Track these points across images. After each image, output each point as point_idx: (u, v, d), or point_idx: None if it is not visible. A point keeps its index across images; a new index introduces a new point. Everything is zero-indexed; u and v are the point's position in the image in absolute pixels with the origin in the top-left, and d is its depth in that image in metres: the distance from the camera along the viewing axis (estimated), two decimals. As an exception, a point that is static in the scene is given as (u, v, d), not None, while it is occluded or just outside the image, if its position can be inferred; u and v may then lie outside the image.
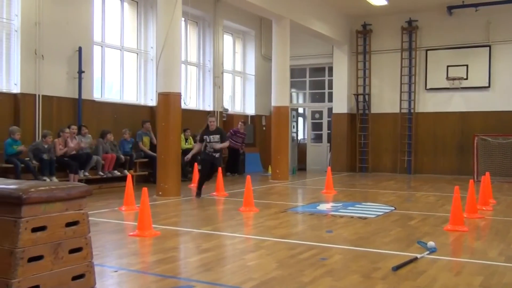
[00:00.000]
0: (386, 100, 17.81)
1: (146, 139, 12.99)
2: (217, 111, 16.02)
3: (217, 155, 10.10)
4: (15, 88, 10.54)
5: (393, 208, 8.90)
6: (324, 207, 9.22)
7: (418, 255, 5.16)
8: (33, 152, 10.12)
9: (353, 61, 18.22)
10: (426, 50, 17.14)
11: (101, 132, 11.70)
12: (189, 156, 10.73)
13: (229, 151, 15.41)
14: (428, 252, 5.34)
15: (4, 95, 10.41)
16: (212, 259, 5.13)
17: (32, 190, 2.87)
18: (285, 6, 14.09)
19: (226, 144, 10.29)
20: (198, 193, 10.11)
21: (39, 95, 10.76)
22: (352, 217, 7.88)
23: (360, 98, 18.05)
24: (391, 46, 17.62)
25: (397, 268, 4.68)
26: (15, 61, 10.52)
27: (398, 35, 17.43)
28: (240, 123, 15.97)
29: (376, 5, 15.82)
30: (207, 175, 10.26)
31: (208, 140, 10.07)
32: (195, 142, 14.40)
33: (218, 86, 16.06)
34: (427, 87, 17.14)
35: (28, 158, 10.03)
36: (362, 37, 18.10)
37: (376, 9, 16.50)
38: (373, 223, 7.38)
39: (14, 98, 10.52)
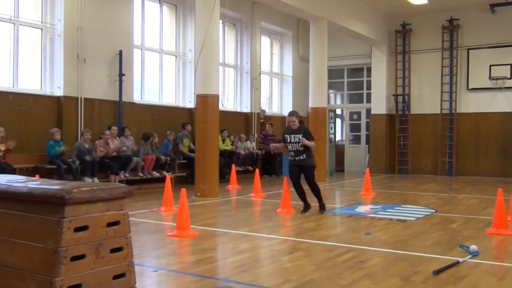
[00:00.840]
0: (426, 100, 17.48)
1: (186, 141, 13.13)
2: (254, 113, 16.07)
3: (302, 157, 8.19)
4: (58, 91, 10.83)
5: (434, 210, 8.72)
6: (362, 209, 9.11)
7: (460, 259, 5.04)
8: (76, 154, 10.38)
9: (392, 61, 17.96)
10: (468, 49, 16.74)
11: (143, 135, 11.89)
12: (275, 145, 9.24)
13: (263, 154, 15.47)
14: (470, 256, 5.20)
15: (48, 98, 10.71)
16: (250, 260, 5.14)
17: (75, 190, 2.94)
18: (323, 6, 14.01)
19: (311, 143, 8.22)
20: (305, 207, 8.37)
21: (81, 98, 11.03)
22: (391, 219, 7.77)
23: (399, 98, 17.78)
24: (431, 46, 17.29)
25: (438, 272, 4.59)
26: (58, 65, 10.81)
27: (439, 34, 17.08)
28: (267, 125, 15.97)
29: (416, 4, 15.55)
30: (299, 183, 8.31)
31: (288, 140, 8.24)
32: (232, 143, 14.50)
33: (255, 87, 16.10)
34: (469, 87, 16.74)
35: (71, 159, 10.29)
36: (401, 37, 17.82)
37: (416, 8, 16.22)
38: (413, 225, 7.25)
39: (57, 101, 10.81)
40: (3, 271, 3.02)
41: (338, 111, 20.53)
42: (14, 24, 10.27)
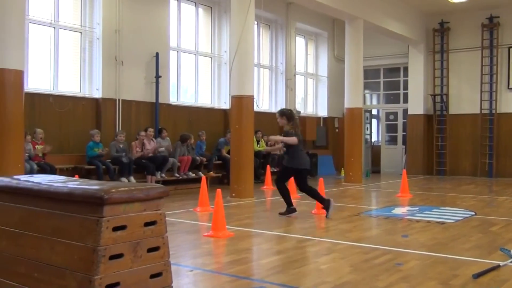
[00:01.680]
0: (465, 100, 17.10)
1: (227, 148, 13.16)
2: (289, 114, 16.01)
3: (286, 156, 8.07)
4: (97, 93, 11.06)
5: (474, 213, 8.52)
6: (399, 211, 8.98)
7: (501, 263, 4.91)
8: (112, 155, 10.58)
9: (429, 61, 17.65)
10: (509, 48, 16.30)
11: (180, 136, 12.02)
12: (268, 149, 9.50)
13: None
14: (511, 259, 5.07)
15: (87, 100, 10.95)
16: (285, 261, 5.13)
17: (113, 191, 2.99)
18: (359, 6, 13.88)
19: (283, 138, 7.93)
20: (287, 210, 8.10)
21: (119, 100, 11.24)
22: (429, 221, 7.63)
23: (437, 98, 17.44)
24: (470, 44, 16.91)
25: (478, 275, 4.48)
26: (97, 67, 11.05)
27: (478, 33, 16.69)
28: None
29: (455, 2, 15.25)
30: (282, 183, 8.18)
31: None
32: (266, 144, 14.50)
33: (290, 88, 16.07)
34: (510, 86, 16.30)
35: (109, 160, 10.50)
36: (439, 36, 17.49)
37: (454, 6, 15.91)
38: (451, 228, 7.11)
39: (96, 102, 11.04)
40: (46, 269, 3.11)
41: (374, 112, 20.29)
42: (54, 28, 10.55)
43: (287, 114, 8.03)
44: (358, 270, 4.75)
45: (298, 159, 7.91)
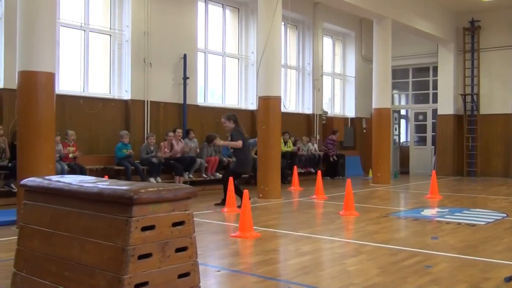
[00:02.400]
0: (496, 100, 16.76)
1: (256, 149, 13.17)
2: (316, 114, 15.97)
3: (232, 159, 8.98)
4: (126, 95, 11.21)
5: (505, 215, 8.35)
6: (428, 212, 8.85)
7: (534, 266, 4.81)
8: (142, 157, 10.71)
9: (460, 60, 17.36)
10: (542, 46, 15.94)
11: (206, 137, 12.09)
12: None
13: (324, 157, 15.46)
14: (545, 263, 4.95)
15: (116, 101, 11.11)
16: (312, 263, 5.12)
17: (142, 191, 3.03)
18: (387, 5, 13.74)
19: (228, 142, 8.99)
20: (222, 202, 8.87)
21: (147, 101, 11.36)
22: (459, 223, 7.50)
23: (468, 98, 17.14)
24: (502, 43, 16.57)
25: (510, 279, 4.39)
26: (126, 69, 11.20)
27: (510, 31, 16.33)
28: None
29: (485, 0, 14.96)
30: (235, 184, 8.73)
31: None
32: (294, 144, 14.47)
33: (317, 89, 16.01)
34: (543, 85, 15.93)
35: (138, 161, 10.63)
36: (469, 34, 17.19)
37: (485, 4, 15.61)
38: (482, 230, 6.97)
39: (125, 104, 11.19)
40: (76, 268, 3.16)
41: (403, 112, 20.06)
42: (84, 31, 10.73)
43: (233, 118, 8.94)
44: (386, 272, 4.70)
45: (243, 163, 8.89)
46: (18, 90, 6.84)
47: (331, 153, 15.54)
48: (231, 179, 8.57)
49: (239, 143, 8.66)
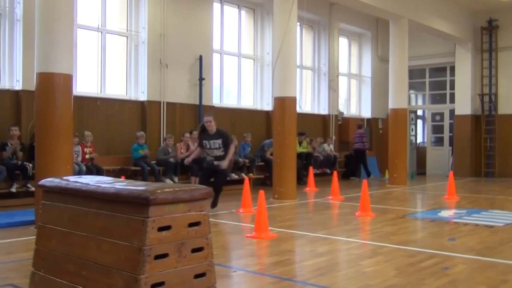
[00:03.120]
0: (515, 100, 16.56)
1: (270, 150, 13.17)
2: (332, 115, 15.91)
3: (221, 161, 8.24)
4: (142, 96, 11.28)
5: (524, 216, 8.24)
6: (446, 213, 8.78)
7: (554, 269, 4.74)
8: (160, 156, 10.77)
9: (477, 60, 17.17)
10: (562, 45, 15.70)
11: None
12: (189, 159, 8.99)
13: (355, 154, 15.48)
14: None
15: (132, 102, 11.19)
16: (328, 264, 5.10)
17: (159, 191, 3.04)
18: (403, 5, 13.65)
19: (230, 154, 8.36)
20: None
21: (163, 102, 11.43)
22: (477, 225, 7.42)
23: (486, 98, 16.95)
24: (520, 42, 16.37)
25: (529, 281, 4.33)
26: (142, 70, 11.27)
27: (529, 30, 16.14)
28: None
29: (504, 0, 14.78)
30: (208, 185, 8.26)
31: (207, 147, 8.29)
32: (309, 142, 14.41)
33: (333, 89, 15.95)
34: None
35: (154, 161, 10.69)
36: (487, 34, 16.99)
37: (503, 3, 15.43)
38: (501, 231, 6.89)
39: (141, 105, 11.27)
40: (93, 267, 3.19)
41: (420, 112, 19.91)
42: (101, 32, 10.82)
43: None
44: (404, 273, 4.67)
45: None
46: (36, 91, 6.92)
47: (363, 147, 15.56)
48: (246, 179, 8.60)
49: (233, 148, 8.69)
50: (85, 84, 10.69)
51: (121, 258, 3.03)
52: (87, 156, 9.74)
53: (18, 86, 9.36)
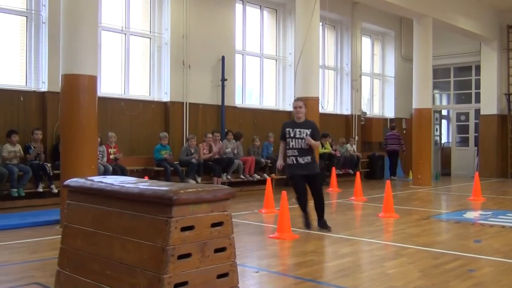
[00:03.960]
0: (542, 99, 16.23)
1: None
2: (354, 115, 15.81)
3: (307, 159, 6.82)
4: (165, 97, 11.36)
5: (552, 218, 8.07)
6: (471, 215, 8.64)
7: None
8: (182, 157, 10.83)
9: (503, 58, 16.87)
10: None
11: (234, 135, 12.11)
12: (280, 162, 7.31)
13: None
14: None
15: (155, 103, 11.27)
16: (351, 265, 5.06)
17: (182, 192, 3.06)
18: (427, 4, 13.49)
19: (317, 143, 6.97)
20: (306, 223, 7.01)
21: (186, 103, 11.49)
22: (503, 226, 7.29)
23: (512, 98, 16.67)
24: (548, 40, 16.04)
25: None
26: (165, 71, 11.35)
27: (557, 28, 15.80)
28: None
29: (531, -3, 14.52)
30: (305, 194, 6.91)
31: (291, 135, 6.92)
32: (331, 146, 14.33)
33: (356, 89, 15.85)
34: None
35: (177, 162, 10.76)
36: (514, 32, 16.70)
37: (530, 1, 15.14)
38: (528, 234, 6.76)
39: (164, 106, 11.35)
40: (117, 267, 3.22)
41: (444, 112, 19.64)
42: (125, 34, 10.93)
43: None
44: (428, 275, 4.61)
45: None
46: (62, 93, 7.03)
47: (398, 148, 15.58)
48: (269, 180, 8.59)
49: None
50: (109, 85, 10.81)
51: (144, 257, 3.06)
52: (111, 156, 9.85)
53: (43, 88, 9.51)
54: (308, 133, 6.77)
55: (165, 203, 3.02)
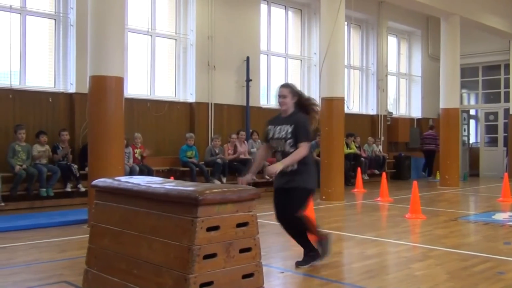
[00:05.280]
0: None
1: (317, 151, 13.10)
2: (380, 115, 15.66)
3: (292, 167, 4.86)
4: (191, 98, 11.44)
5: None
6: (500, 216, 8.48)
7: None
8: (207, 159, 10.90)
9: (534, 57, 16.52)
10: None
11: (251, 133, 12.13)
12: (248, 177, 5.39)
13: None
14: None
15: (181, 104, 11.35)
16: (377, 266, 5.02)
17: (207, 192, 3.08)
18: (454, 2, 13.29)
19: (302, 150, 4.79)
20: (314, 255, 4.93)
21: (211, 104, 11.55)
22: (534, 228, 7.14)
23: (543, 97, 16.30)
24: None
25: None
26: (190, 72, 11.43)
27: None
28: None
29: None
30: (284, 218, 5.20)
31: (271, 135, 5.14)
32: (357, 147, 14.19)
33: (382, 89, 15.70)
34: None
35: (202, 162, 10.81)
36: (544, 30, 16.32)
37: (562, -3, 14.79)
38: (560, 236, 6.61)
39: (189, 106, 11.42)
40: (144, 266, 3.25)
41: (472, 112, 19.32)
42: (151, 36, 11.04)
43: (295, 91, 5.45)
44: (456, 278, 4.54)
45: (311, 174, 5.02)
46: (89, 94, 7.13)
47: (435, 148, 15.45)
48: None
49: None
50: (136, 86, 10.92)
51: (170, 257, 3.08)
52: (136, 155, 9.94)
53: (71, 89, 9.67)
54: (290, 130, 4.90)
55: (191, 203, 3.04)
